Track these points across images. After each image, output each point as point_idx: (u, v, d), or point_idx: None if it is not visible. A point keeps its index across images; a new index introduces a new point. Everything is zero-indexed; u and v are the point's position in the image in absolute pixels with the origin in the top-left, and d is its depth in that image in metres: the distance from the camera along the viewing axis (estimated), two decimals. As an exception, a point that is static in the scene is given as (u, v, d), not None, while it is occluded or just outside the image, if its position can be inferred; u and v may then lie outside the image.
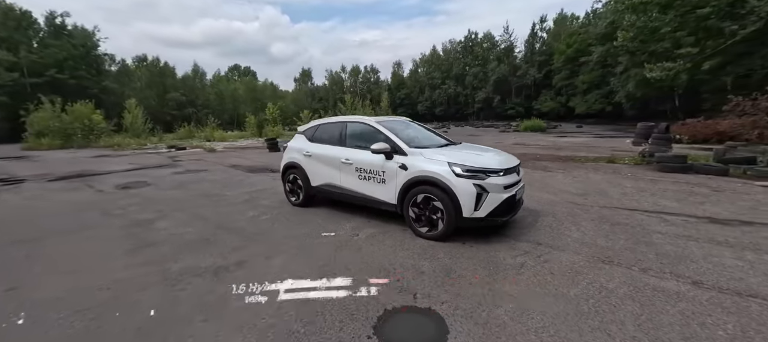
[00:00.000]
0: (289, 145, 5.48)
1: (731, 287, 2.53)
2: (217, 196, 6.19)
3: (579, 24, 49.52)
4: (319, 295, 2.60)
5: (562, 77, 45.61)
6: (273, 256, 3.37)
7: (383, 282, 2.77)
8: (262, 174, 8.81)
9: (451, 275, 2.86)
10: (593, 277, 2.76)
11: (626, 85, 29.24)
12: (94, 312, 2.41)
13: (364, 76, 79.52)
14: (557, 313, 2.27)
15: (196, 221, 4.62)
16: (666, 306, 2.31)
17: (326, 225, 4.33)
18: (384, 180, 4.03)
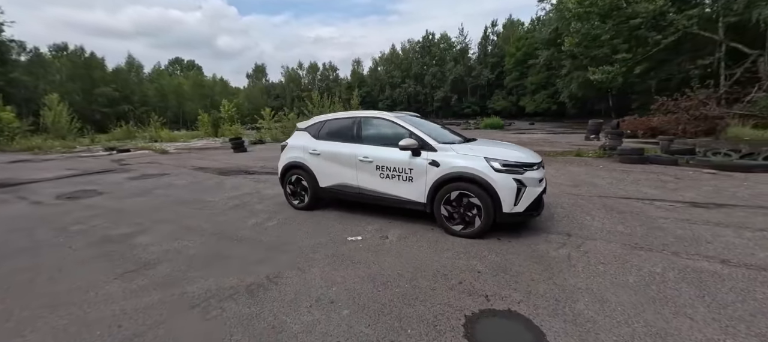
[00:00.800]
0: (289, 143, 5.01)
1: (753, 263, 2.82)
2: (198, 203, 5.45)
3: (525, 29, 53.72)
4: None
5: (512, 78, 49.08)
6: (306, 267, 3.00)
7: (446, 286, 2.60)
8: (238, 176, 8.03)
9: (509, 272, 2.79)
10: (638, 263, 2.89)
11: (570, 86, 32.40)
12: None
13: (323, 73, 77.68)
14: (632, 302, 2.31)
15: (189, 234, 3.98)
16: (717, 285, 2.49)
17: (346, 228, 4.01)
18: (411, 178, 3.84)
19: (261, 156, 12.76)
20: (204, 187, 6.78)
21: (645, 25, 19.61)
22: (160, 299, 2.49)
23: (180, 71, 75.05)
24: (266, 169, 9.22)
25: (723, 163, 7.76)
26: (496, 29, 60.74)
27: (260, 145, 17.72)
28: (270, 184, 6.98)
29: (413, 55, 66.95)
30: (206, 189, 6.62)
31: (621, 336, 1.97)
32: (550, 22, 38.71)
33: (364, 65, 77.53)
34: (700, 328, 2.00)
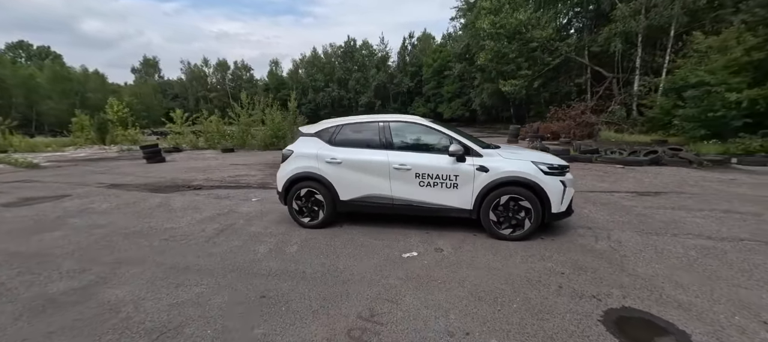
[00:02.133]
0: (295, 151, 4.24)
1: (728, 236, 3.65)
2: (158, 232, 4.15)
3: (438, 43, 59.31)
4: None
5: (430, 87, 53.37)
6: (394, 297, 2.55)
7: (552, 293, 2.57)
8: (184, 193, 6.50)
9: (587, 270, 2.93)
10: (662, 246, 3.42)
11: (481, 95, 37.05)
12: None
13: (235, 72, 70.14)
14: (699, 279, 2.69)
15: (186, 276, 2.96)
16: (731, 256, 3.12)
17: (388, 245, 3.62)
18: (456, 184, 3.71)
19: (190, 166, 10.64)
20: (145, 211, 5.22)
21: (540, 49, 23.91)
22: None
23: (27, 59, 56.95)
24: (213, 181, 7.71)
25: (619, 159, 9.97)
26: (412, 40, 65.29)
27: (178, 154, 14.78)
28: (237, 200, 5.84)
29: (336, 59, 66.45)
30: (150, 212, 5.11)
31: (725, 307, 2.26)
32: (461, 39, 43.70)
33: (282, 66, 73.13)
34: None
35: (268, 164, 10.75)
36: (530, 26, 23.13)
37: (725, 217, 4.39)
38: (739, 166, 8.90)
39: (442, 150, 3.85)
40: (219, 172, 9.23)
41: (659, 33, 19.99)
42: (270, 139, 16.32)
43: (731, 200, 5.21)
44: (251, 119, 17.82)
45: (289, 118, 17.62)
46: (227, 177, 8.31)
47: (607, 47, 21.30)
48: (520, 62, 24.71)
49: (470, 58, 41.72)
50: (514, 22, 23.06)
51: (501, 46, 24.38)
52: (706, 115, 12.94)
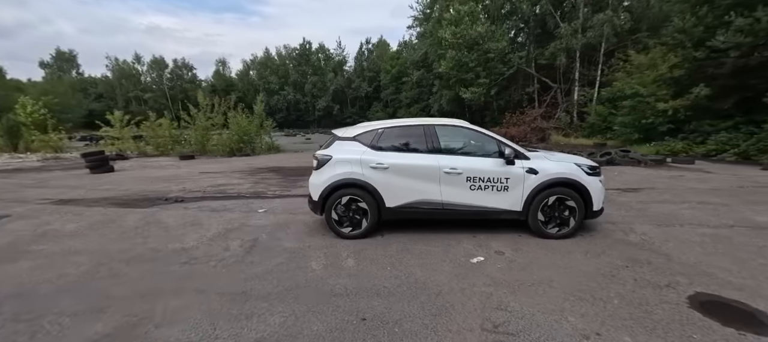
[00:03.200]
0: (334, 156, 3.91)
1: (720, 224, 4.27)
2: (168, 256, 3.50)
3: (394, 50, 60.70)
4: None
5: (389, 92, 54.28)
6: (498, 305, 2.46)
7: (638, 286, 2.72)
8: (167, 207, 5.65)
9: (648, 264, 3.18)
10: (681, 236, 3.86)
11: (440, 101, 38.71)
12: None
13: (175, 71, 63.52)
14: (734, 263, 3.08)
15: (253, 304, 2.52)
16: (737, 240, 3.64)
17: (445, 251, 3.52)
18: (507, 187, 3.76)
19: (151, 175, 9.30)
20: (130, 230, 4.38)
21: (495, 60, 25.86)
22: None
23: None
24: (193, 192, 6.82)
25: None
26: (368, 46, 65.88)
27: (125, 162, 12.82)
28: (239, 212, 5.24)
29: (290, 61, 64.09)
30: (139, 232, 4.30)
31: None
32: (419, 48, 45.31)
33: (231, 66, 68.27)
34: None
35: (245, 172, 9.86)
36: (487, 38, 24.90)
37: (705, 207, 5.15)
38: (673, 164, 10.54)
39: (490, 153, 3.89)
40: (192, 181, 8.19)
41: (593, 51, 22.96)
42: (236, 145, 15.02)
43: (697, 194, 6.13)
44: (210, 123, 16.21)
45: (256, 122, 16.42)
46: (208, 187, 7.40)
47: (553, 60, 23.84)
48: (479, 71, 26.42)
49: (428, 66, 43.52)
50: (473, 33, 24.62)
51: (461, 55, 25.82)
52: (639, 121, 15.17)
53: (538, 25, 26.83)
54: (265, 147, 16.12)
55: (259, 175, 9.10)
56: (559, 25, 23.45)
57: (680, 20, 13.74)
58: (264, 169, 10.35)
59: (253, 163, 12.15)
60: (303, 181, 8.05)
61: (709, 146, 12.41)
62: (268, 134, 16.99)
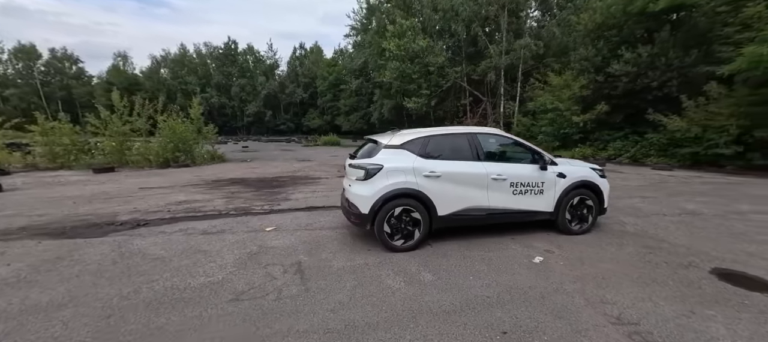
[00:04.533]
0: (386, 165, 3.68)
1: (691, 211, 5.41)
2: (197, 296, 2.81)
3: (330, 57, 60.09)
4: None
5: (327, 99, 53.28)
6: (602, 299, 2.67)
7: (680, 267, 3.27)
8: (132, 234, 4.53)
9: (674, 251, 3.83)
10: (674, 226, 4.77)
11: (380, 109, 39.67)
12: None
13: (52, 63, 51.01)
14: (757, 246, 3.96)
15: (373, 334, 2.21)
16: (695, 223, 4.67)
17: (501, 255, 3.65)
18: (542, 190, 4.11)
19: (67, 194, 7.30)
20: (106, 268, 3.37)
21: (435, 73, 27.84)
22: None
23: None
24: (152, 214, 5.61)
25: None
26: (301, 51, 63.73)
27: (7, 177, 9.69)
28: (242, 233, 4.53)
29: (213, 61, 57.72)
30: (120, 268, 3.35)
31: (760, 255, 3.45)
32: (357, 57, 45.78)
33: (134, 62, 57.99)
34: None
35: (202, 186, 8.48)
36: (428, 52, 26.66)
37: (649, 200, 6.45)
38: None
39: (526, 160, 4.20)
40: (139, 200, 6.68)
41: (514, 70, 26.63)
42: (171, 154, 12.76)
43: (634, 190, 7.63)
44: (129, 128, 13.44)
45: (192, 128, 14.24)
46: (169, 206, 6.13)
47: (484, 76, 26.84)
48: (421, 82, 28.03)
49: (367, 75, 44.29)
50: (415, 47, 26.08)
51: (405, 66, 27.04)
52: (558, 131, 18.13)
53: (470, 44, 29.91)
54: (207, 156, 14.08)
55: (224, 189, 7.92)
56: (487, 46, 26.59)
57: (584, 50, 17.06)
58: (224, 182, 9.05)
59: (202, 174, 10.50)
60: (283, 193, 7.34)
61: (609, 151, 15.58)
62: (210, 142, 14.89)
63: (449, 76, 28.60)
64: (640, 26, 15.00)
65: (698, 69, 12.50)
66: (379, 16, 38.83)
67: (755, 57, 9.48)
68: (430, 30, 30.58)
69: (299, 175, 10.24)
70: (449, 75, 28.54)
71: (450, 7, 27.83)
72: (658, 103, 13.67)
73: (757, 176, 9.66)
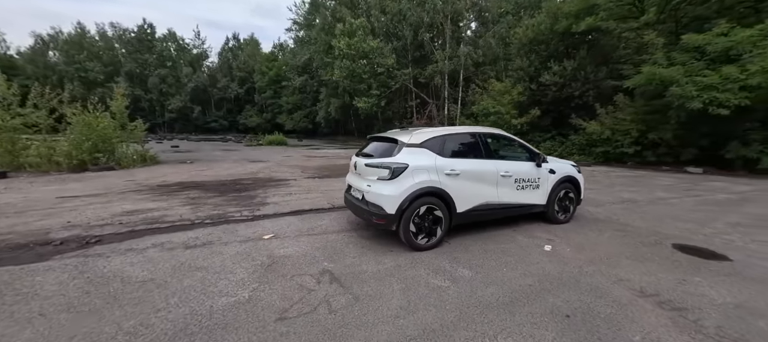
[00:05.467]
0: (411, 164, 3.62)
1: (617, 201, 6.48)
2: (240, 321, 2.44)
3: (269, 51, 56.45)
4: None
5: (267, 96, 49.89)
6: (623, 278, 3.07)
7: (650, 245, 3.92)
8: (86, 256, 3.68)
9: (632, 231, 4.55)
10: (623, 211, 5.68)
11: (327, 108, 38.70)
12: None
13: None
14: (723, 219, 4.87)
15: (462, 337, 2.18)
16: (640, 210, 5.68)
17: (513, 247, 3.93)
18: (538, 185, 4.53)
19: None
20: (79, 301, 2.68)
21: (384, 74, 28.31)
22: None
23: None
24: (97, 227, 4.62)
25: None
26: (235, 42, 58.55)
27: None
28: (237, 242, 4.03)
29: (124, 46, 49.23)
30: (103, 297, 2.70)
31: (709, 229, 4.36)
32: (301, 53, 43.86)
33: (8, 40, 46.09)
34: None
35: (147, 191, 7.20)
36: (378, 53, 26.98)
37: (597, 191, 7.60)
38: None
39: (523, 157, 4.58)
40: (67, 213, 5.38)
41: (456, 75, 28.65)
42: (89, 155, 10.48)
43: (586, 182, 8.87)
44: (22, 122, 10.65)
45: (115, 124, 11.91)
46: (116, 217, 5.07)
47: (431, 80, 28.26)
48: (371, 83, 28.21)
49: (312, 72, 42.76)
50: (366, 47, 26.14)
51: (355, 66, 26.90)
52: (500, 133, 20.10)
53: (416, 48, 31.16)
54: (137, 158, 11.91)
55: (180, 195, 6.83)
56: (433, 51, 28.08)
57: (520, 61, 19.26)
58: (174, 187, 7.81)
59: (138, 179, 8.88)
60: (256, 197, 6.70)
61: (541, 150, 17.89)
62: (139, 141, 12.62)
63: (398, 77, 29.37)
64: (564, 44, 17.57)
65: (608, 83, 15.18)
66: (324, 12, 37.94)
67: (650, 75, 11.90)
68: (378, 31, 31.04)
69: (261, 178, 9.40)
70: (398, 77, 29.31)
71: (397, 10, 28.64)
72: (579, 109, 16.18)
73: (651, 170, 12.15)
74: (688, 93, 10.69)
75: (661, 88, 11.93)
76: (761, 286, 2.94)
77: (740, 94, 10.02)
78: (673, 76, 11.18)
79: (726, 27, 10.86)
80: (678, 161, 12.67)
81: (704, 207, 6.12)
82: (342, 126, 43.15)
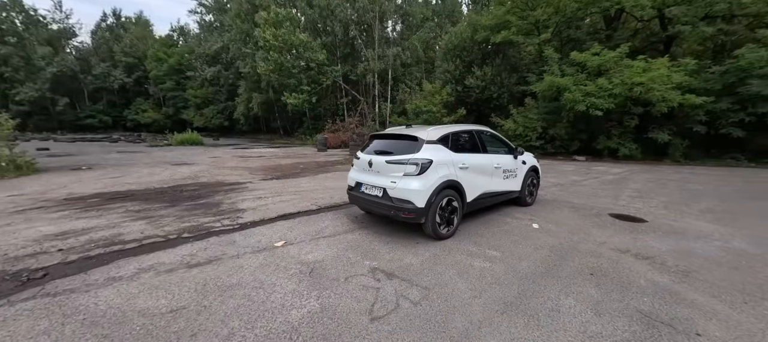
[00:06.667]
0: (435, 159, 3.85)
1: (558, 184, 8.02)
2: (331, 330, 2.34)
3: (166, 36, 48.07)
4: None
5: (167, 88, 42.47)
6: (625, 249, 3.94)
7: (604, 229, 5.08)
8: (34, 294, 2.88)
9: (580, 206, 5.76)
10: (563, 191, 7.05)
11: (249, 104, 35.21)
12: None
13: None
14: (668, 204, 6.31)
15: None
16: (574, 189, 7.19)
17: (511, 226, 4.59)
18: (517, 174, 5.32)
19: None
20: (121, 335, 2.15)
21: (316, 70, 27.41)
22: None
23: None
24: (14, 258, 3.61)
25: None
26: (114, 21, 47.89)
27: None
28: (250, 254, 3.67)
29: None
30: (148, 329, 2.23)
31: (647, 207, 5.82)
32: (213, 41, 38.63)
33: None
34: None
35: (53, 209, 5.59)
36: (308, 47, 25.95)
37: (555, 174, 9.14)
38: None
39: (503, 150, 5.30)
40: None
41: (386, 74, 29.78)
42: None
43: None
44: None
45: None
46: (43, 243, 3.90)
47: (363, 78, 28.63)
48: (301, 78, 26.95)
49: (228, 64, 38.19)
50: (296, 40, 24.84)
51: (284, 59, 25.29)
52: (431, 130, 21.85)
53: (346, 45, 30.99)
54: (10, 166, 8.81)
55: (116, 209, 5.50)
56: (363, 49, 28.47)
57: (447, 65, 21.27)
58: (92, 199, 6.18)
59: (26, 192, 6.69)
60: (221, 205, 5.95)
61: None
62: (6, 141, 9.30)
63: (329, 74, 28.82)
64: (482, 52, 20.16)
65: (519, 87, 18.14)
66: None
67: (550, 83, 14.77)
68: (306, 25, 29.81)
69: (208, 182, 8.22)
70: (329, 73, 28.76)
71: (326, 5, 27.99)
72: (497, 109, 18.88)
73: (551, 159, 15.11)
74: (576, 98, 13.68)
75: (557, 94, 14.95)
76: (675, 235, 4.21)
77: (609, 100, 13.35)
78: (566, 84, 14.16)
79: (598, 48, 14.28)
80: (568, 152, 16.08)
81: (605, 186, 8.09)
82: (265, 123, 39.89)
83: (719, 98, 12.71)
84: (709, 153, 14.04)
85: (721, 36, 14.43)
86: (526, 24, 17.07)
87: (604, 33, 17.32)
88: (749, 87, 11.86)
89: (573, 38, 17.99)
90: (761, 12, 12.52)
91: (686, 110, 13.00)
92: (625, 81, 12.89)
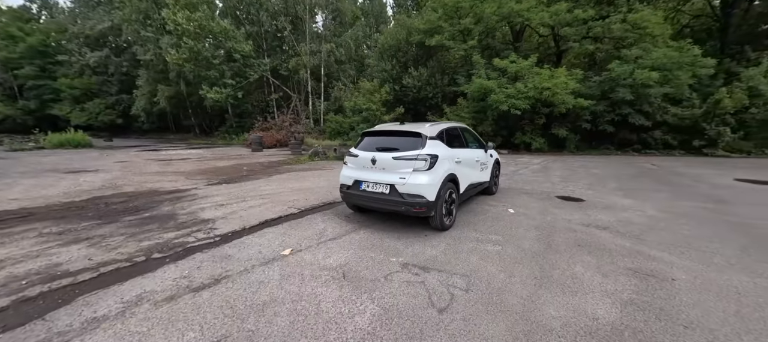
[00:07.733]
0: (440, 154, 4.03)
1: (529, 169, 9.13)
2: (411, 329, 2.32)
3: (17, 8, 37.02)
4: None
5: (27, 75, 32.76)
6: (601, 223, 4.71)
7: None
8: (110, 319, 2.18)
9: (537, 193, 6.72)
10: (510, 178, 8.07)
11: (152, 98, 29.74)
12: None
13: None
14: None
15: (554, 275, 2.94)
16: (521, 176, 8.33)
17: (495, 212, 5.12)
18: (487, 167, 5.91)
19: None
20: None
21: (241, 62, 24.84)
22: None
23: None
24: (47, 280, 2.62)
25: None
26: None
27: None
28: (251, 272, 3.34)
29: None
30: None
31: (585, 190, 7.01)
32: (95, 18, 31.25)
33: None
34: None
35: None
36: (230, 36, 23.35)
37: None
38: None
39: (475, 144, 5.82)
40: None
41: (319, 70, 28.94)
42: None
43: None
44: None
45: None
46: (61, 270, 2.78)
47: (295, 73, 27.14)
48: (224, 70, 24.08)
49: (119, 49, 31.47)
50: (216, 27, 22.07)
51: (201, 47, 22.21)
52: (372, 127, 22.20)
53: (273, 37, 28.81)
54: None
55: (23, 234, 4.13)
56: (294, 43, 26.99)
57: (384, 64, 21.82)
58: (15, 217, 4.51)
59: None
60: (173, 215, 5.11)
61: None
62: None
63: (256, 67, 26.48)
64: (417, 53, 21.32)
65: (451, 88, 19.81)
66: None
67: (478, 85, 16.61)
68: (226, 11, 26.74)
69: (137, 192, 6.78)
70: (256, 66, 26.42)
71: (250, -9, 25.60)
72: (433, 108, 20.28)
73: (483, 153, 17.07)
74: (500, 99, 15.72)
75: (484, 95, 16.91)
76: (611, 209, 5.33)
77: (525, 101, 15.73)
78: (491, 86, 16.13)
79: (514, 57, 16.65)
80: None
81: (536, 174, 9.57)
82: (174, 121, 34.30)
83: (598, 102, 16.25)
84: (591, 144, 17.83)
85: (597, 52, 18.43)
86: (455, 31, 18.74)
87: (513, 45, 20.29)
88: (617, 93, 15.50)
89: (491, 46, 20.55)
90: (623, 36, 16.45)
91: (577, 111, 16.23)
92: (537, 85, 15.36)
